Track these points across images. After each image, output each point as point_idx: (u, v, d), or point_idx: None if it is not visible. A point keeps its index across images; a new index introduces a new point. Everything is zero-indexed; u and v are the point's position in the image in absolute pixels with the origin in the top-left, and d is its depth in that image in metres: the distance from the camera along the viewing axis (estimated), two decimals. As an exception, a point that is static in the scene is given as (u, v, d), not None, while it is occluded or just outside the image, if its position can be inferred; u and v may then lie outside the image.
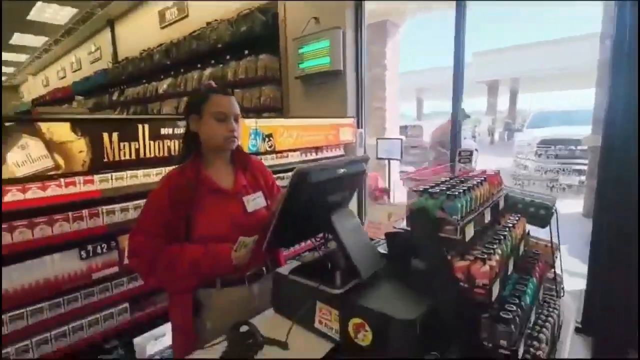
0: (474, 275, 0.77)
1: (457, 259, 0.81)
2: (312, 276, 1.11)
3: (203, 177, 1.28)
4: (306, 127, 2.64)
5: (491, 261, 0.78)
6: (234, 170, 1.38)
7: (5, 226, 1.42)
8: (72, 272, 1.62)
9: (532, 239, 1.22)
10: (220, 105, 1.27)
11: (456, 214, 0.78)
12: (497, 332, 0.74)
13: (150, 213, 1.25)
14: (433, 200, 0.80)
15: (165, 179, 1.28)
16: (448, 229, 0.77)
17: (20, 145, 1.39)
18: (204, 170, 1.30)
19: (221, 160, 1.36)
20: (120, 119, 1.72)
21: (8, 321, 1.46)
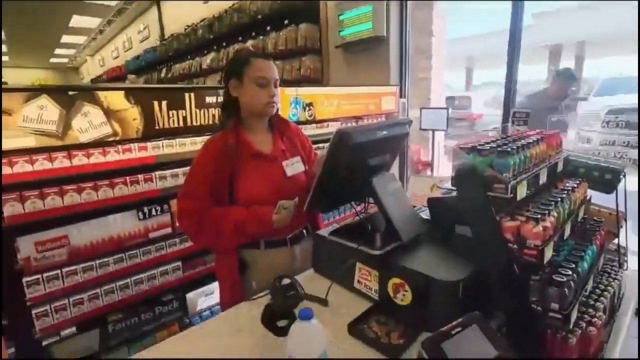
0: (525, 236, 0.72)
1: (506, 220, 0.77)
2: (352, 238, 1.12)
3: (243, 141, 1.30)
4: (347, 95, 2.59)
5: (545, 222, 0.73)
6: (272, 135, 1.40)
7: (74, 187, 1.58)
8: (132, 231, 1.78)
9: (594, 207, 1.12)
10: (261, 69, 1.26)
11: (507, 171, 0.73)
12: (548, 295, 0.70)
13: (196, 177, 1.29)
14: (482, 157, 0.76)
15: (208, 144, 1.31)
16: (498, 187, 0.73)
17: (83, 113, 1.51)
18: (244, 135, 1.32)
19: (260, 125, 1.37)
20: (168, 88, 1.80)
21: (82, 270, 1.65)
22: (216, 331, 1.00)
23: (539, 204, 0.81)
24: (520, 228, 0.73)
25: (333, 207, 1.23)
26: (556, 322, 0.70)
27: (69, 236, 1.60)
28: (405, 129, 1.22)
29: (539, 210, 0.76)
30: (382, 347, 0.87)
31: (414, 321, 0.93)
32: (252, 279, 1.34)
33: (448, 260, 1.02)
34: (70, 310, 1.64)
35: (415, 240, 1.12)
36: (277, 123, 1.42)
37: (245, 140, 1.31)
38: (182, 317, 2.04)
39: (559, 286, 0.70)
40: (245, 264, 1.34)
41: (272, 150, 1.35)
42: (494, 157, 0.75)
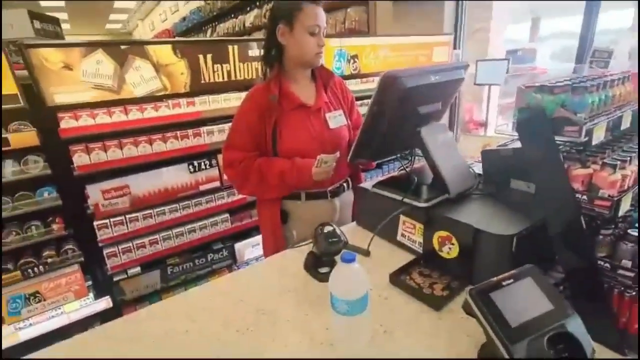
0: (598, 185, 0.64)
1: (576, 167, 0.68)
2: (396, 190, 1.08)
3: (287, 93, 1.27)
4: (395, 46, 2.42)
5: (625, 170, 0.64)
6: (315, 87, 1.35)
7: (131, 140, 1.68)
8: (184, 183, 1.89)
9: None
10: (314, 17, 1.19)
11: (583, 111, 0.63)
12: (620, 251, 0.63)
13: (240, 128, 1.28)
14: (552, 96, 0.66)
15: (251, 95, 1.29)
16: (569, 130, 0.64)
17: (135, 67, 1.57)
18: (286, 86, 1.28)
19: (304, 76, 1.33)
20: (212, 41, 1.81)
21: (142, 218, 1.80)
22: (262, 274, 1.05)
23: (619, 151, 0.71)
24: (593, 176, 0.64)
25: (377, 158, 1.18)
26: (627, 280, 0.63)
27: (130, 186, 1.73)
28: (461, 74, 1.11)
29: (619, 157, 0.66)
30: (425, 297, 0.85)
31: (459, 275, 0.90)
32: (293, 228, 1.37)
33: (500, 214, 0.95)
34: (134, 252, 1.83)
35: (464, 194, 1.05)
36: (321, 74, 1.37)
37: (289, 92, 1.28)
38: (231, 265, 2.19)
39: (634, 242, 0.62)
40: (287, 214, 1.36)
41: (316, 101, 1.32)
42: (567, 96, 0.65)
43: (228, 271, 2.18)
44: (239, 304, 0.90)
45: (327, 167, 1.19)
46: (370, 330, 0.76)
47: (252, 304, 0.90)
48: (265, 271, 1.06)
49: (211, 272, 2.13)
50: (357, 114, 1.49)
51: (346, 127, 1.37)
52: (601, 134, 0.68)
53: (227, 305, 0.90)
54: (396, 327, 0.79)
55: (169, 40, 1.63)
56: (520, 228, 0.83)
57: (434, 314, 0.82)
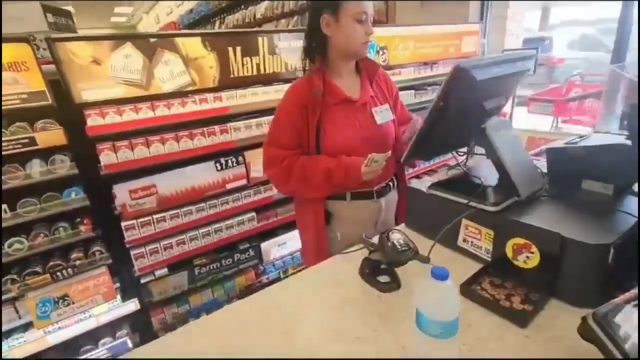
0: None
1: None
2: (458, 192, 1.00)
3: (331, 86, 1.20)
4: (425, 36, 2.31)
5: None
6: (360, 80, 1.27)
7: (158, 138, 1.61)
8: (211, 181, 1.82)
9: None
10: (362, 3, 1.10)
11: None
12: None
13: (282, 124, 1.22)
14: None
15: (292, 89, 1.22)
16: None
17: (164, 61, 1.49)
18: (330, 80, 1.21)
19: (348, 69, 1.25)
20: (242, 32, 1.72)
21: (169, 218, 1.74)
22: (314, 283, 0.98)
23: None
24: None
25: (432, 157, 1.10)
26: None
27: (157, 185, 1.67)
28: (526, 65, 1.02)
29: None
30: (505, 311, 0.78)
31: (538, 286, 0.83)
32: (337, 229, 1.31)
33: (582, 219, 0.87)
34: (161, 252, 1.77)
35: (534, 196, 0.97)
36: (366, 66, 1.28)
37: (333, 85, 1.20)
38: (257, 265, 2.13)
39: None
40: (330, 215, 1.30)
41: (361, 95, 1.24)
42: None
43: (254, 271, 2.13)
44: (297, 317, 0.84)
45: (378, 166, 1.12)
46: (455, 350, 0.69)
47: (313, 317, 0.83)
48: (318, 280, 0.99)
49: (237, 272, 2.07)
50: (402, 108, 1.41)
51: (392, 122, 1.30)
52: None
53: (285, 319, 0.84)
54: (480, 346, 0.71)
55: (198, 32, 1.54)
56: (615, 236, 0.75)
57: (520, 331, 0.74)
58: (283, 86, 1.85)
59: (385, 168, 1.18)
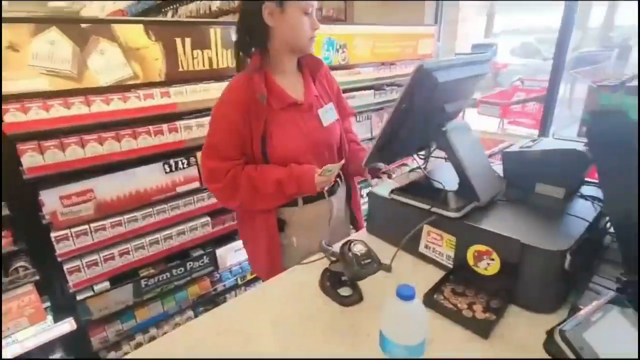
0: (685, 201, 0.57)
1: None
2: (420, 197, 0.98)
3: (275, 89, 1.09)
4: (384, 36, 2.30)
5: None
6: (303, 78, 1.19)
7: (94, 137, 1.43)
8: (159, 185, 1.66)
9: None
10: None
11: (672, 116, 0.55)
12: None
13: (222, 131, 1.08)
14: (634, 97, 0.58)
15: (231, 91, 1.09)
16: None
17: (100, 51, 1.32)
18: (272, 79, 1.10)
19: (291, 65, 1.15)
20: (192, 22, 1.58)
21: (110, 226, 1.56)
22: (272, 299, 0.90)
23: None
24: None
25: (394, 159, 1.07)
26: None
27: (95, 190, 1.49)
28: (485, 69, 1.01)
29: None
30: (467, 321, 0.76)
31: (498, 292, 0.82)
32: (292, 235, 1.24)
33: (539, 225, 0.88)
34: (102, 265, 1.59)
35: (490, 201, 0.97)
36: (308, 62, 1.19)
37: (276, 88, 1.10)
38: (212, 272, 2.00)
39: None
40: (283, 222, 1.22)
41: (306, 97, 1.16)
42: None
43: (209, 280, 1.99)
44: (254, 338, 0.76)
45: (331, 174, 1.07)
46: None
47: (270, 337, 0.76)
48: (276, 294, 0.92)
49: (190, 281, 1.93)
50: (344, 102, 1.35)
51: (337, 121, 1.24)
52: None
53: (241, 341, 0.75)
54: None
55: (140, 19, 1.38)
56: (570, 242, 0.76)
57: (483, 343, 0.72)
58: (238, 82, 1.74)
59: None
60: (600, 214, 0.90)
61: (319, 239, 1.15)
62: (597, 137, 0.59)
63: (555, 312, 0.78)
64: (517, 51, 9.33)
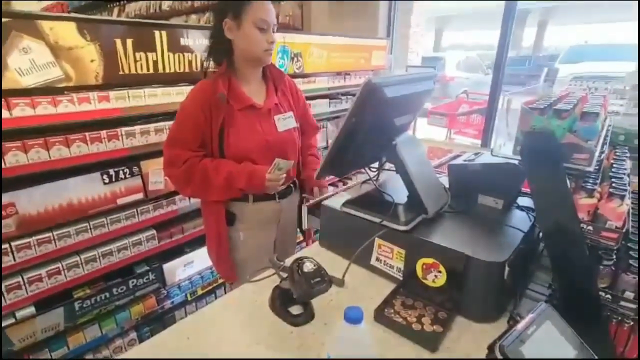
0: (605, 216, 0.62)
1: (582, 196, 0.65)
2: (368, 210, 0.98)
3: (235, 92, 1.20)
4: (338, 46, 2.33)
5: (627, 199, 0.63)
6: (266, 87, 1.30)
7: (18, 144, 1.28)
8: (97, 196, 1.52)
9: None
10: (263, 11, 1.14)
11: (593, 138, 0.60)
12: (622, 282, 0.62)
13: (184, 125, 1.19)
14: (560, 120, 0.62)
15: (197, 90, 1.19)
16: (579, 157, 0.60)
17: (22, 49, 1.17)
18: (235, 84, 1.21)
19: (254, 74, 1.26)
20: (134, 23, 1.46)
21: (36, 244, 1.39)
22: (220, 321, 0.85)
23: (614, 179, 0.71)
24: (600, 206, 0.62)
25: (346, 172, 1.07)
26: (628, 311, 0.62)
27: (17, 203, 1.32)
28: (430, 85, 1.05)
29: (619, 186, 0.65)
30: (416, 335, 0.77)
31: (445, 303, 0.84)
32: (240, 230, 1.32)
33: (482, 236, 0.92)
34: (25, 288, 1.41)
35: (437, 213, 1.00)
36: (272, 74, 1.32)
37: (238, 91, 1.21)
38: (159, 289, 1.86)
39: (636, 273, 0.61)
40: (233, 216, 1.31)
41: (266, 102, 1.26)
42: (575, 120, 0.62)
43: (155, 298, 1.85)
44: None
45: (281, 173, 1.18)
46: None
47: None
48: (224, 315, 0.86)
49: (133, 300, 1.78)
50: (309, 117, 1.48)
51: (295, 130, 1.34)
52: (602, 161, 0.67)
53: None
54: (395, 380, 0.68)
55: (74, 16, 1.26)
56: (508, 253, 0.80)
57: (432, 355, 0.73)
58: (187, 87, 1.66)
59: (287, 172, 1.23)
60: (534, 224, 0.96)
61: (266, 238, 1.34)
62: (529, 154, 0.63)
63: (496, 321, 0.81)
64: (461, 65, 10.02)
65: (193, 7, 4.57)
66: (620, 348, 0.65)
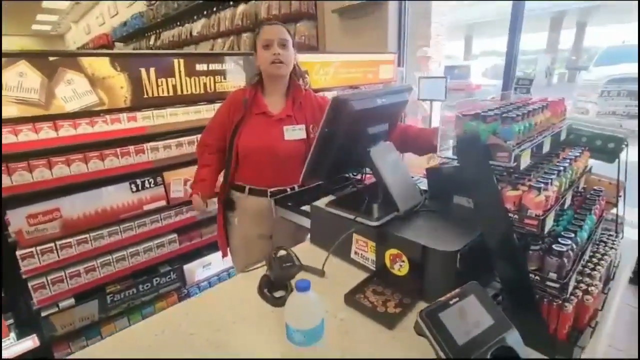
0: (527, 205, 0.71)
1: (508, 189, 0.75)
2: (349, 209, 1.10)
3: (257, 99, 1.44)
4: (344, 63, 2.49)
5: (547, 192, 0.71)
6: (286, 101, 1.48)
7: (62, 159, 1.53)
8: (126, 203, 1.75)
9: (595, 176, 1.11)
10: (266, 33, 1.37)
11: (511, 139, 0.70)
12: (547, 264, 0.70)
13: (214, 118, 1.52)
14: (485, 124, 0.72)
15: (229, 95, 1.50)
16: (501, 155, 0.70)
17: (67, 81, 1.43)
18: (260, 95, 1.46)
19: (276, 89, 1.47)
20: (156, 54, 1.72)
21: (76, 243, 1.63)
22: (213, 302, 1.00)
23: (541, 173, 0.79)
24: (522, 198, 0.71)
25: (330, 177, 1.20)
26: (553, 291, 0.70)
27: (61, 209, 1.57)
28: (405, 97, 1.17)
29: (542, 180, 0.73)
30: (378, 316, 0.87)
31: (410, 291, 0.94)
32: (236, 216, 1.54)
33: (445, 230, 1.01)
34: (67, 282, 1.65)
35: (412, 211, 1.10)
36: (293, 90, 1.49)
37: (259, 98, 1.45)
38: (180, 288, 2.06)
39: (558, 256, 0.69)
40: (233, 202, 1.53)
41: (280, 112, 1.44)
42: (498, 124, 0.72)
43: (177, 295, 2.05)
44: (189, 337, 0.85)
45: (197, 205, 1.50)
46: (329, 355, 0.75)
47: (204, 336, 0.85)
48: (217, 299, 1.01)
49: (158, 297, 1.99)
50: None
51: (303, 142, 1.45)
52: (527, 159, 0.75)
53: (177, 340, 0.84)
54: (352, 351, 0.79)
55: (106, 52, 1.51)
56: (462, 243, 0.89)
57: (389, 333, 0.84)
58: (203, 107, 1.88)
59: (284, 175, 1.45)
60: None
61: (257, 229, 1.54)
62: (462, 156, 0.73)
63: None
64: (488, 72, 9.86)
65: (219, 32, 4.95)
66: (552, 325, 0.72)
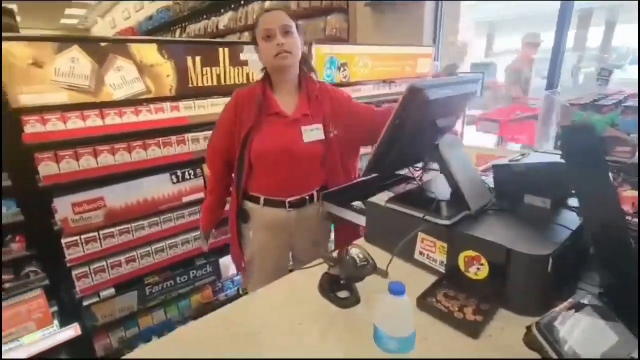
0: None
1: (625, 188, 0.67)
2: (411, 206, 1.03)
3: (268, 99, 1.28)
4: (383, 55, 2.41)
5: (675, 192, 0.63)
6: (299, 97, 1.31)
7: (107, 147, 1.52)
8: (166, 194, 1.73)
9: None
10: (265, 22, 1.20)
11: (634, 131, 0.62)
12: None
13: (219, 124, 1.35)
14: (600, 115, 0.64)
15: (235, 93, 1.32)
16: (621, 150, 0.62)
17: (116, 67, 1.41)
18: (269, 93, 1.29)
19: (287, 84, 1.30)
20: (202, 42, 1.69)
21: (118, 233, 1.62)
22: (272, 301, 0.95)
23: (662, 171, 0.71)
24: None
25: (391, 171, 1.13)
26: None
27: (105, 198, 1.56)
28: (475, 87, 1.09)
29: (666, 178, 0.65)
30: (458, 323, 0.80)
31: (489, 297, 0.86)
32: (251, 229, 1.40)
33: (525, 232, 0.93)
34: (108, 271, 1.64)
35: (482, 210, 1.03)
36: (307, 84, 1.32)
37: (269, 97, 1.28)
38: (215, 281, 2.04)
39: (687, 266, 0.61)
40: (247, 214, 1.38)
41: (294, 112, 1.28)
42: (616, 114, 0.64)
43: (212, 288, 2.03)
44: (255, 337, 0.81)
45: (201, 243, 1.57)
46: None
47: (271, 337, 0.80)
48: (276, 297, 0.96)
49: (193, 289, 1.97)
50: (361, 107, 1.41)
51: (321, 142, 1.30)
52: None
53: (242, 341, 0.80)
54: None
55: (155, 38, 1.49)
56: (552, 247, 0.81)
57: (472, 342, 0.77)
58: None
59: (304, 183, 1.32)
60: (585, 224, 0.95)
61: (273, 241, 1.40)
62: (569, 149, 0.65)
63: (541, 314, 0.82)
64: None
65: (245, 25, 4.92)
66: (673, 343, 0.64)
